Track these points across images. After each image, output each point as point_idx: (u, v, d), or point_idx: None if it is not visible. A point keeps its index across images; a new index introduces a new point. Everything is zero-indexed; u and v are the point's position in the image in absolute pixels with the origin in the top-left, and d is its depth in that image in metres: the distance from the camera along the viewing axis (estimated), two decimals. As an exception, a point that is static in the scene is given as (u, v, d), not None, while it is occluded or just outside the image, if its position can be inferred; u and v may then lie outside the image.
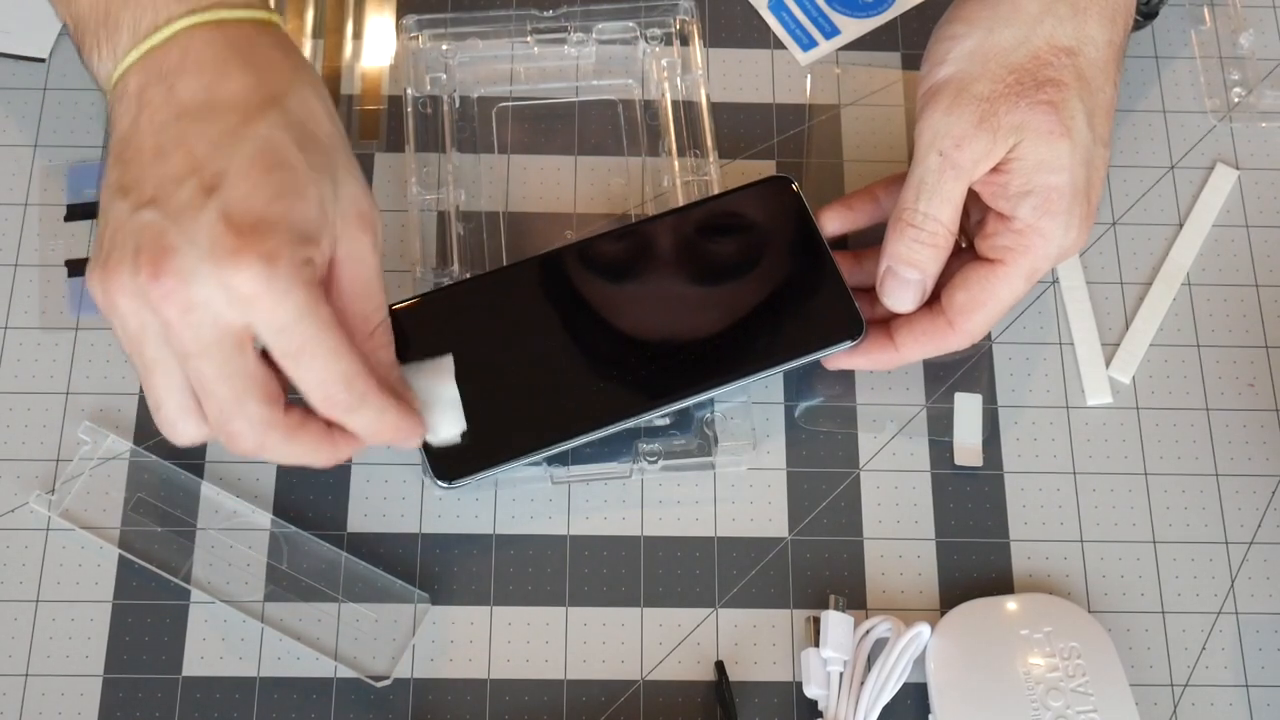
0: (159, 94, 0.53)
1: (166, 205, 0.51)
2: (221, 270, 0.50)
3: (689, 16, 0.73)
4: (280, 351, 0.52)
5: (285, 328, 0.52)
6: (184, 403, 0.54)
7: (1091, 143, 0.62)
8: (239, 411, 0.53)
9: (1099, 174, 0.63)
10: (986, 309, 0.63)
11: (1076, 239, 0.63)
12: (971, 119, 0.61)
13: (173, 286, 0.51)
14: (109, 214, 0.53)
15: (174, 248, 0.51)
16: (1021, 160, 0.61)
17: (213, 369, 0.52)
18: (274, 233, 0.51)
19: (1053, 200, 0.61)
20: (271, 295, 0.51)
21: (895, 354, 0.64)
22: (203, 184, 0.51)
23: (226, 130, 0.52)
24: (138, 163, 0.53)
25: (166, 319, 0.51)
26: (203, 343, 0.52)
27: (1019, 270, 0.62)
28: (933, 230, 0.62)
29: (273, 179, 0.52)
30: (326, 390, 0.53)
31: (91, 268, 0.53)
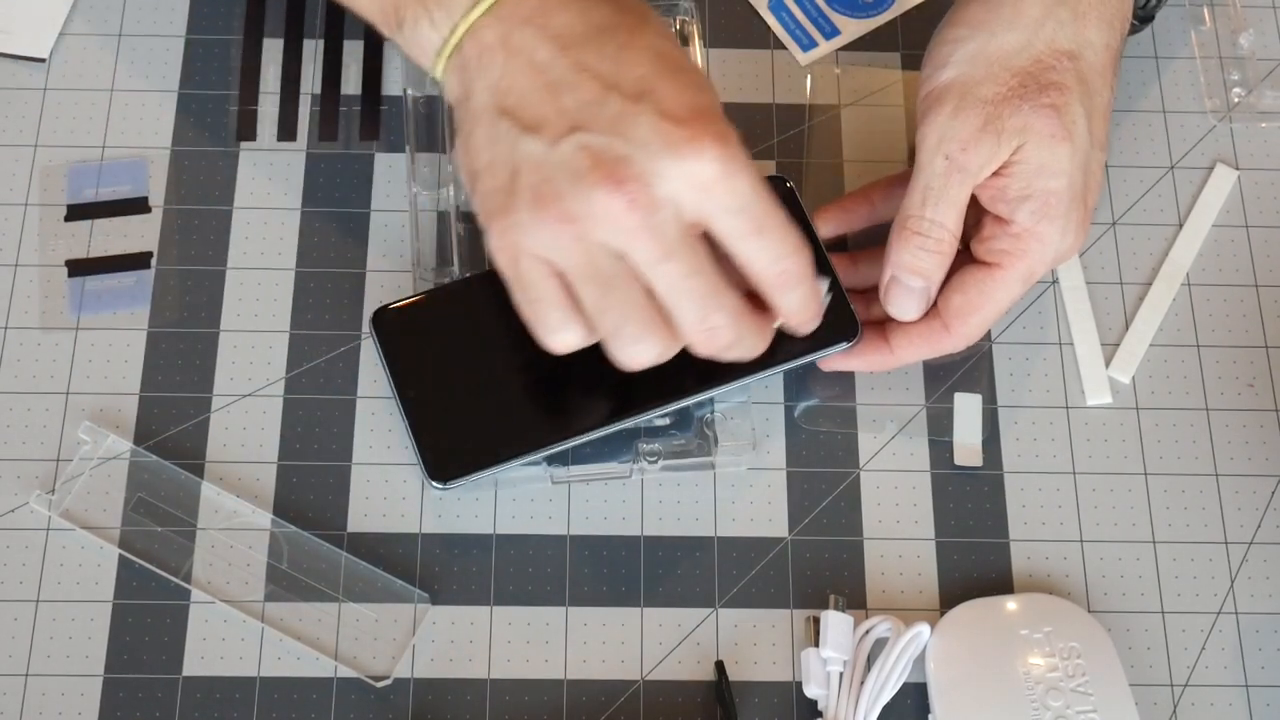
0: (529, 35, 0.54)
1: (596, 124, 0.52)
2: (683, 160, 0.52)
3: (689, 16, 0.73)
4: (740, 232, 0.54)
5: (745, 206, 0.53)
6: (646, 317, 0.54)
7: (1090, 146, 0.62)
8: (717, 303, 0.54)
9: (1096, 178, 0.63)
10: (983, 312, 0.63)
11: (1073, 243, 0.63)
12: (977, 122, 0.61)
13: (636, 190, 0.52)
14: (516, 159, 0.53)
15: (626, 156, 0.52)
16: (1023, 164, 0.61)
17: (684, 266, 0.53)
18: (715, 117, 0.53)
19: (1051, 204, 0.61)
20: (733, 174, 0.52)
21: (891, 356, 0.64)
22: (626, 95, 0.53)
23: (620, 47, 0.54)
24: (533, 102, 0.53)
25: (629, 228, 0.52)
26: (670, 242, 0.53)
27: (1016, 274, 0.62)
28: (939, 237, 0.61)
29: (686, 77, 0.54)
30: (783, 262, 0.55)
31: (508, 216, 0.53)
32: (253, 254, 0.69)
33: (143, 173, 0.70)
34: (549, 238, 0.53)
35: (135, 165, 0.70)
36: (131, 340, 0.67)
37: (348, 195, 0.70)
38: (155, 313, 0.68)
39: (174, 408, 0.66)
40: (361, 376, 0.67)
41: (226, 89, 0.72)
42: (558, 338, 0.56)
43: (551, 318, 0.55)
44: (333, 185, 0.71)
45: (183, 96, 0.72)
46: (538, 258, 0.54)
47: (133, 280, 0.68)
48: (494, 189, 0.54)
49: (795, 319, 0.59)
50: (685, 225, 0.53)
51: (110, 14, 0.73)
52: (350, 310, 0.68)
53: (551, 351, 0.57)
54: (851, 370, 0.67)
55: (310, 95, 0.72)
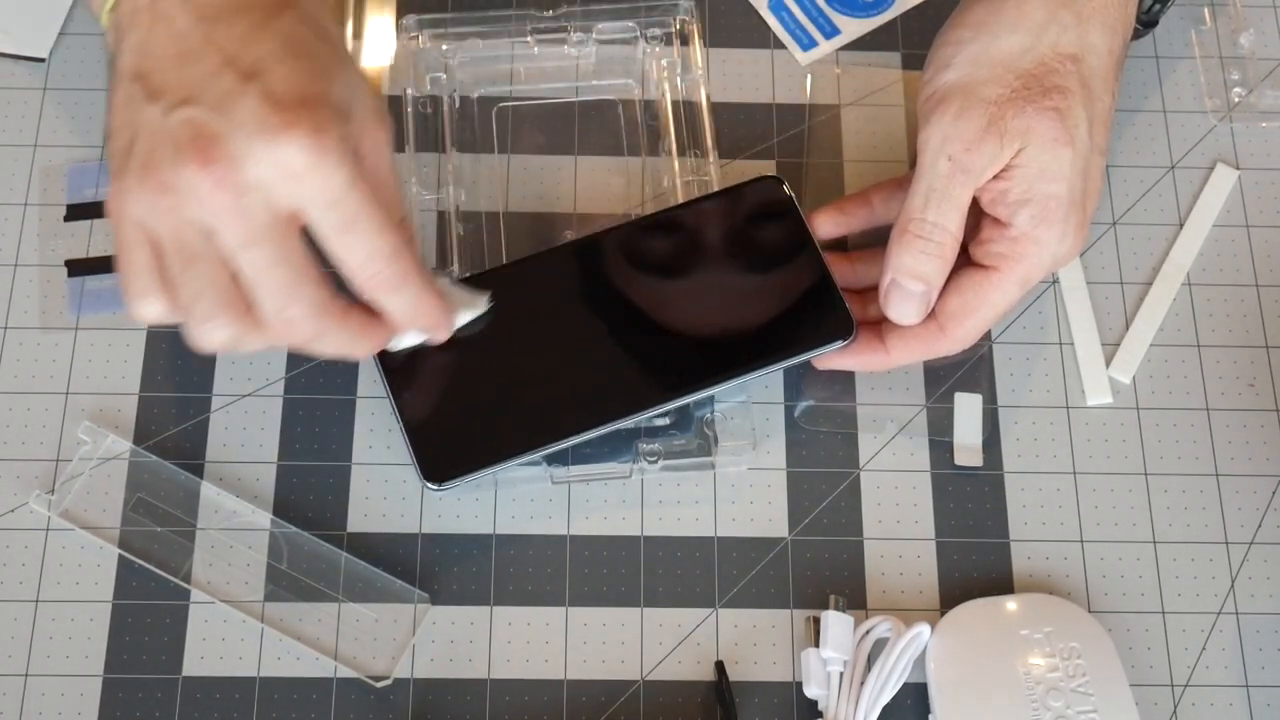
0: (175, 3, 0.54)
1: (205, 98, 0.52)
2: (274, 146, 0.51)
3: (689, 16, 0.73)
4: (330, 227, 0.53)
5: (336, 201, 0.53)
6: (220, 299, 0.54)
7: (1090, 151, 0.62)
8: (296, 296, 0.54)
9: (1095, 183, 0.63)
10: (979, 315, 0.63)
11: (1071, 248, 0.63)
12: (980, 123, 0.60)
13: (224, 171, 0.51)
14: (137, 124, 0.53)
15: (221, 134, 0.51)
16: (1024, 167, 0.61)
17: (267, 254, 0.53)
18: (319, 107, 0.52)
19: (1051, 209, 0.61)
20: (323, 168, 0.52)
21: (886, 356, 0.64)
22: (239, 72, 0.52)
23: (251, 25, 0.53)
24: (162, 69, 0.53)
25: (217, 208, 0.52)
26: (255, 228, 0.52)
27: (1013, 278, 0.62)
28: (940, 240, 0.61)
29: (305, 64, 0.53)
30: (374, 266, 0.55)
31: (121, 179, 0.53)
32: (253, 254, 0.69)
33: (143, 173, 0.70)
34: (147, 205, 0.53)
35: (135, 165, 0.70)
36: (131, 340, 0.67)
37: (348, 195, 0.70)
38: (155, 313, 0.68)
39: (174, 408, 0.66)
40: (361, 376, 0.67)
41: (226, 89, 0.72)
42: (140, 304, 0.55)
43: (136, 284, 0.55)
44: (333, 185, 0.70)
45: (183, 96, 0.72)
46: (137, 223, 0.53)
47: (133, 280, 0.68)
48: (117, 150, 0.54)
49: (403, 324, 0.58)
50: (276, 213, 0.53)
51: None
52: (350, 310, 0.68)
53: (136, 319, 0.56)
54: (847, 369, 0.67)
55: (310, 95, 0.72)
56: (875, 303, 0.66)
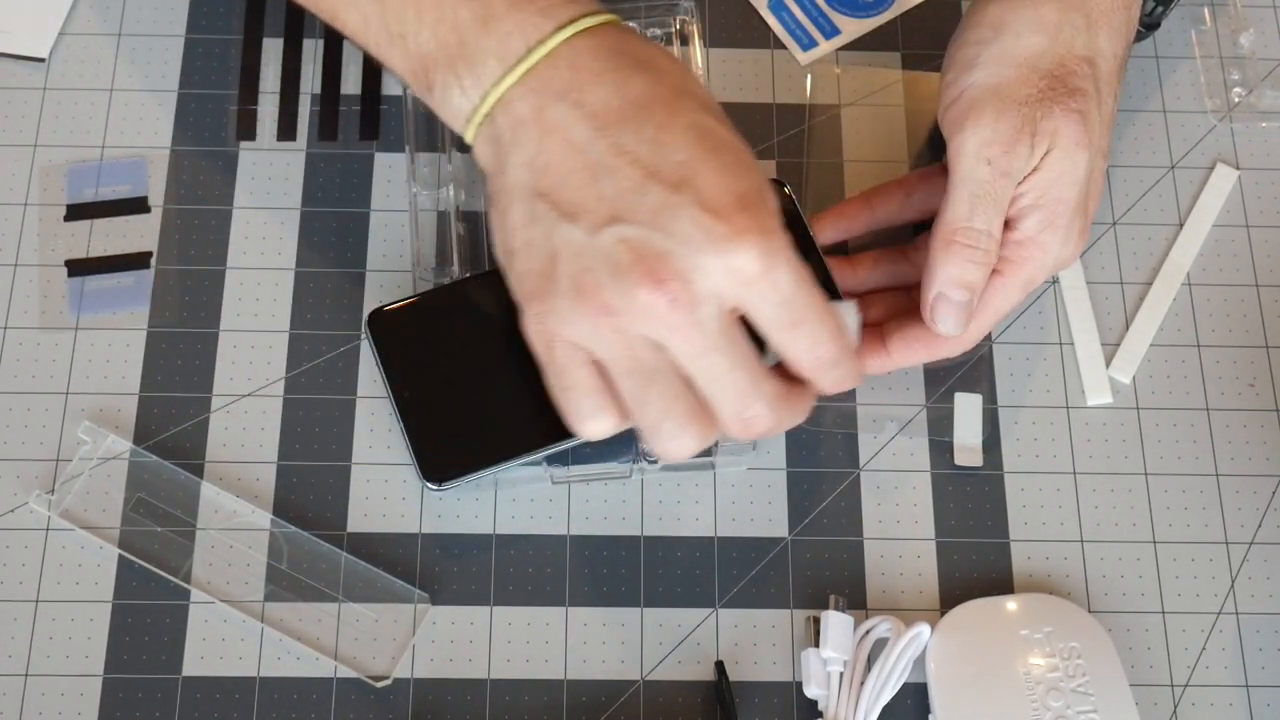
0: (564, 111, 0.52)
1: (635, 216, 0.51)
2: (725, 257, 0.51)
3: (689, 16, 0.73)
4: (780, 323, 0.53)
5: (788, 299, 0.52)
6: (687, 410, 0.53)
7: (1095, 155, 0.62)
8: (757, 393, 0.54)
9: (1097, 186, 0.63)
10: (981, 318, 0.63)
11: (1073, 251, 0.63)
12: (1016, 124, 0.60)
13: (678, 289, 0.51)
14: (554, 244, 0.52)
15: (667, 252, 0.50)
16: (1045, 172, 0.60)
17: (725, 359, 0.53)
18: (758, 207, 0.52)
19: (1059, 214, 0.61)
20: (775, 269, 0.51)
21: (888, 359, 0.64)
22: (666, 184, 0.51)
23: (659, 128, 0.52)
24: (572, 185, 0.52)
25: (672, 324, 0.51)
26: (712, 337, 0.52)
27: (1016, 281, 0.62)
28: (987, 248, 0.60)
29: (727, 159, 0.52)
30: (820, 350, 0.54)
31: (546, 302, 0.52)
32: (252, 254, 0.69)
33: (142, 172, 0.70)
34: (589, 328, 0.52)
35: (135, 165, 0.70)
36: (131, 340, 0.67)
37: (348, 195, 0.70)
38: (155, 313, 0.68)
39: (174, 408, 0.66)
40: (361, 376, 0.67)
41: (226, 89, 0.72)
42: (591, 425, 0.55)
43: (585, 405, 0.55)
44: (333, 185, 0.70)
45: (182, 96, 0.72)
46: (575, 345, 0.53)
47: (132, 280, 0.68)
48: (531, 271, 0.53)
49: (828, 390, 0.57)
50: (726, 316, 0.53)
51: (110, 14, 0.73)
52: (350, 310, 0.68)
53: (585, 436, 0.56)
54: None
55: (310, 95, 0.72)
56: (877, 305, 0.66)
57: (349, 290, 0.68)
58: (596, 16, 0.55)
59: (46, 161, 0.70)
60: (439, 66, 0.55)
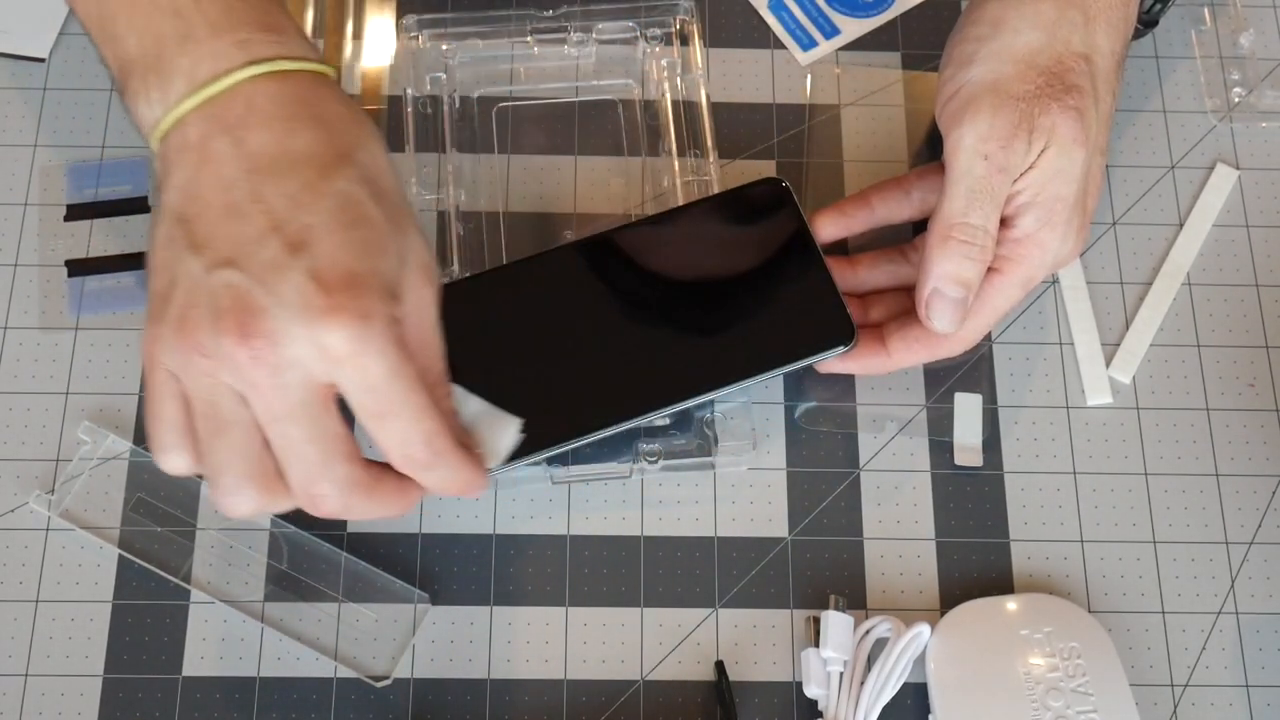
0: (225, 146, 0.52)
1: (249, 265, 0.50)
2: (315, 330, 0.49)
3: (689, 16, 0.73)
4: (367, 411, 0.51)
5: (375, 387, 0.51)
6: (249, 470, 0.52)
7: (1094, 152, 0.62)
8: (326, 474, 0.52)
9: (1096, 184, 0.63)
10: (980, 317, 0.63)
11: (1073, 249, 0.63)
12: (1013, 119, 0.60)
13: (262, 347, 0.49)
14: (177, 271, 0.51)
15: (262, 309, 0.49)
16: (1041, 169, 0.60)
17: (301, 431, 0.51)
18: (366, 290, 0.50)
19: (1057, 211, 0.61)
20: (365, 355, 0.50)
21: (888, 359, 0.64)
22: (286, 242, 0.50)
23: (303, 186, 0.51)
24: (208, 219, 0.51)
25: (253, 381, 0.50)
26: (290, 405, 0.50)
27: (1015, 279, 0.62)
28: (983, 244, 0.60)
29: (357, 235, 0.51)
30: (408, 449, 0.52)
31: (157, 326, 0.51)
32: (253, 254, 0.69)
33: (143, 173, 0.70)
34: (182, 362, 0.51)
35: (135, 165, 0.70)
36: (131, 340, 0.67)
37: (348, 195, 0.70)
38: (155, 313, 0.68)
39: (174, 408, 0.66)
40: (361, 376, 0.67)
41: (226, 89, 0.72)
42: (166, 458, 0.54)
43: (165, 437, 0.53)
44: (333, 185, 0.70)
45: (183, 96, 0.72)
46: (171, 375, 0.52)
47: (133, 280, 0.68)
48: (156, 292, 0.52)
49: (437, 492, 0.55)
50: (313, 388, 0.51)
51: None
52: (350, 310, 0.68)
53: (163, 469, 0.54)
54: (848, 373, 0.67)
55: (310, 95, 0.72)
56: (877, 305, 0.66)
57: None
58: (297, 62, 0.54)
59: (46, 161, 0.70)
60: (136, 73, 0.54)
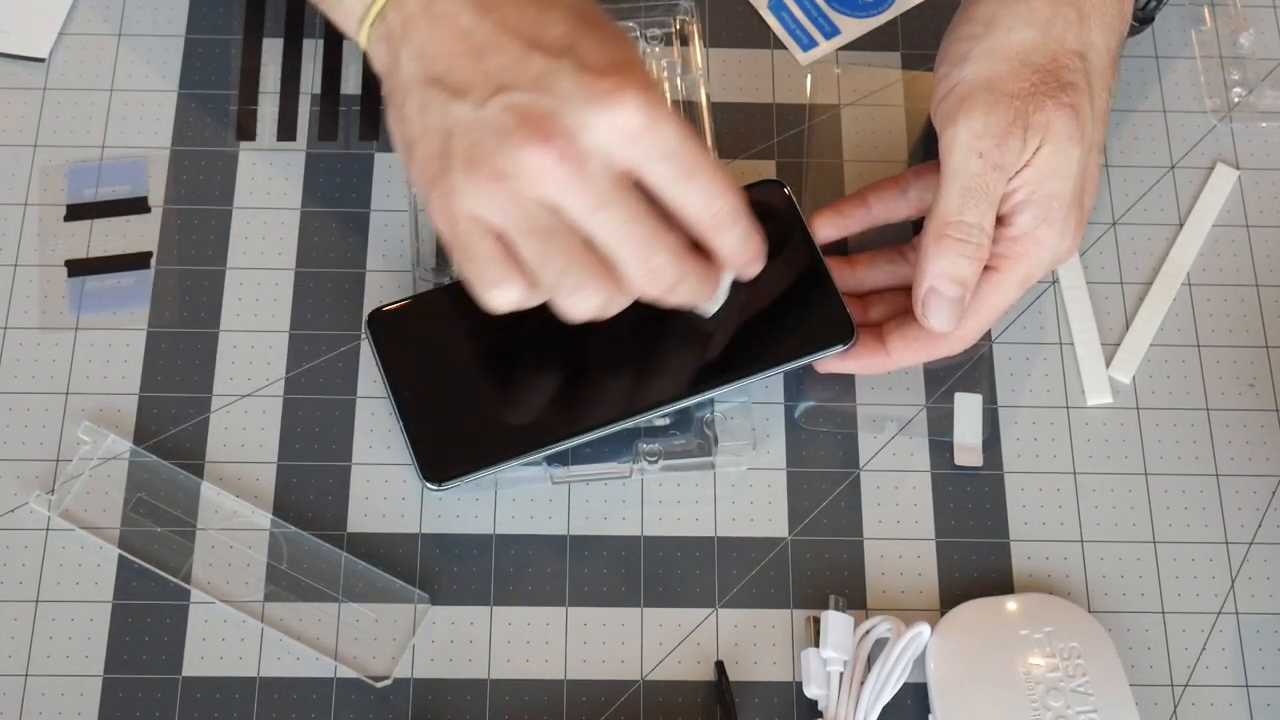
0: (451, 2, 0.54)
1: (520, 83, 0.53)
2: (607, 111, 0.52)
3: (689, 16, 0.73)
4: (670, 177, 0.54)
5: (674, 151, 0.54)
6: (586, 265, 0.54)
7: (1090, 149, 0.62)
8: (660, 244, 0.55)
9: (1093, 181, 0.63)
10: (979, 316, 0.63)
11: (1070, 247, 0.63)
12: (1008, 116, 0.60)
13: (564, 145, 0.52)
14: (448, 124, 0.54)
15: (551, 111, 0.52)
16: (1037, 167, 0.60)
17: (621, 211, 0.54)
18: (637, 67, 0.54)
19: (1053, 209, 0.61)
20: (657, 123, 0.53)
21: (887, 359, 0.64)
22: (548, 52, 0.53)
23: (539, 8, 0.54)
24: (461, 67, 0.54)
25: (562, 182, 0.53)
26: (603, 191, 0.53)
27: (1013, 278, 0.62)
28: (979, 242, 0.60)
29: (604, 33, 0.55)
30: (716, 204, 0.56)
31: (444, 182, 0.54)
32: (253, 254, 0.69)
33: (142, 173, 0.70)
34: (484, 198, 0.53)
35: (135, 165, 0.70)
36: (131, 340, 0.67)
37: (348, 195, 0.70)
38: (155, 313, 0.68)
39: (174, 408, 0.66)
40: (361, 376, 0.67)
41: (226, 89, 0.72)
42: (498, 293, 0.56)
43: (490, 273, 0.55)
44: (332, 185, 0.70)
45: (182, 96, 0.72)
46: (475, 218, 0.54)
47: (132, 280, 0.68)
48: (428, 156, 0.55)
49: (737, 259, 0.59)
50: (616, 174, 0.54)
51: (110, 14, 0.73)
52: (350, 310, 0.68)
53: (492, 310, 0.56)
54: (848, 372, 0.67)
55: (310, 95, 0.72)
56: (876, 305, 0.66)
57: (349, 290, 0.68)
58: None
59: (46, 161, 0.70)
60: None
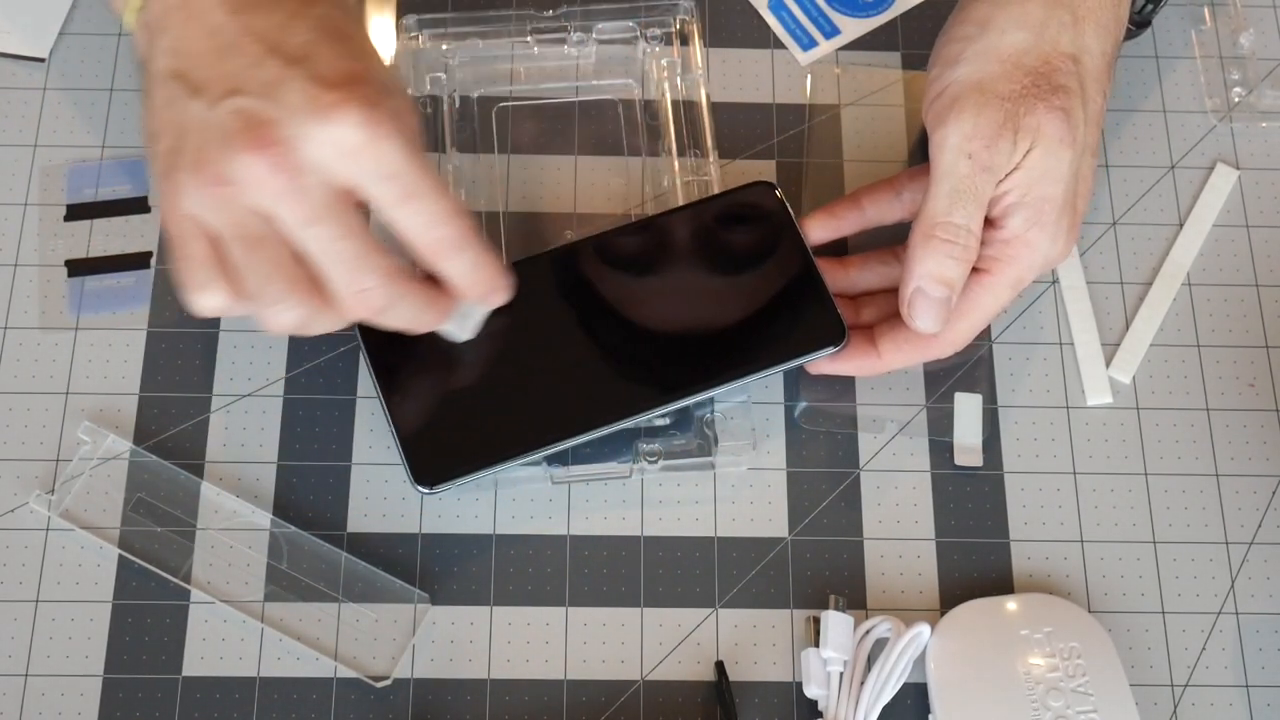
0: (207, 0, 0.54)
1: (251, 87, 0.52)
2: (327, 124, 0.52)
3: (689, 16, 0.73)
4: (390, 199, 0.54)
5: (395, 173, 0.53)
6: (288, 278, 0.54)
7: (1083, 152, 0.62)
8: (367, 265, 0.54)
9: (1086, 184, 0.63)
10: (970, 319, 0.63)
11: (1062, 250, 0.63)
12: (998, 119, 0.60)
13: (280, 154, 0.52)
14: (183, 121, 0.53)
15: (273, 119, 0.52)
16: (1028, 170, 0.60)
17: (331, 230, 0.53)
18: (367, 82, 0.53)
19: (1045, 212, 0.61)
20: (377, 141, 0.52)
21: (878, 360, 0.64)
22: (284, 58, 0.53)
23: (288, 14, 0.54)
24: (203, 65, 0.54)
25: (276, 190, 0.52)
26: (317, 206, 0.53)
27: (1004, 280, 0.62)
28: (966, 243, 0.60)
29: (347, 45, 0.54)
30: (437, 230, 0.55)
31: (172, 178, 0.53)
32: (253, 254, 0.69)
33: (143, 172, 0.70)
34: (202, 199, 0.53)
35: (135, 165, 0.70)
36: (131, 340, 0.67)
37: (348, 195, 0.70)
38: (155, 313, 0.68)
39: (174, 408, 0.66)
40: (361, 376, 0.67)
41: (226, 89, 0.72)
42: (203, 296, 0.55)
43: (198, 275, 0.55)
44: (333, 185, 0.70)
45: (183, 96, 0.72)
46: (193, 218, 0.54)
47: (132, 280, 0.68)
48: (163, 150, 0.54)
49: (469, 289, 0.58)
50: (335, 190, 0.53)
51: (110, 14, 0.73)
52: (350, 310, 0.68)
53: (197, 313, 0.56)
54: (839, 374, 0.66)
55: (310, 95, 0.72)
56: (868, 307, 0.66)
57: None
58: None
59: (46, 161, 0.70)
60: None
